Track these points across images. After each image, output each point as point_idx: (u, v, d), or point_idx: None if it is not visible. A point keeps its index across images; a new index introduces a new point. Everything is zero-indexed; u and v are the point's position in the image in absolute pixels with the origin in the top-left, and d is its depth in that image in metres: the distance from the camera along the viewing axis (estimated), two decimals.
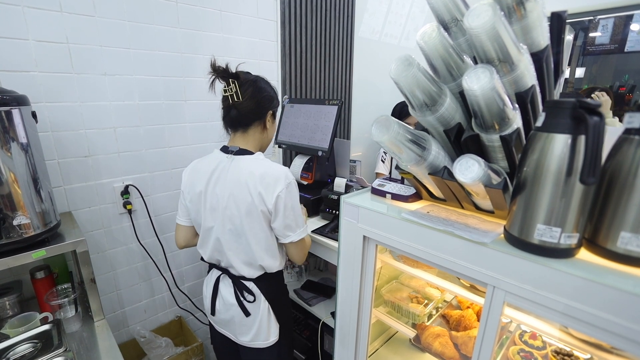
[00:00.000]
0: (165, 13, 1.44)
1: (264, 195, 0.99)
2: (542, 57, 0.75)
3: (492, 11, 0.62)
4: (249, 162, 1.03)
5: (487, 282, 0.73)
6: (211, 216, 1.07)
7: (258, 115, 1.08)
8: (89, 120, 1.33)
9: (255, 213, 1.01)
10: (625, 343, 0.56)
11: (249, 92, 1.04)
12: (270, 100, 1.10)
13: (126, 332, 1.63)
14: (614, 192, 0.61)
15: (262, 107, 1.07)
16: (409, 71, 0.72)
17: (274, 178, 0.99)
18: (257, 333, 1.12)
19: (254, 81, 1.07)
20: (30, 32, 1.16)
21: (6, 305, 1.18)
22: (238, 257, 1.08)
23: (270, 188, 0.99)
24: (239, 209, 1.01)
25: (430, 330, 1.10)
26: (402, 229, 0.86)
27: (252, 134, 1.09)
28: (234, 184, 1.01)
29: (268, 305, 1.11)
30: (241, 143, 1.09)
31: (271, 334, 1.13)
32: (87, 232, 1.41)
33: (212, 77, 1.02)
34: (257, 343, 1.13)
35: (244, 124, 1.08)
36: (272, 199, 0.99)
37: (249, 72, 1.10)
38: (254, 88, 1.05)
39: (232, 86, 1.02)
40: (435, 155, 0.79)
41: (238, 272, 1.09)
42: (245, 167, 1.02)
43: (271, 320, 1.12)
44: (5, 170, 0.94)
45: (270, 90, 1.11)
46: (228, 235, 1.06)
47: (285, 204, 1.01)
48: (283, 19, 1.83)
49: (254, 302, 1.10)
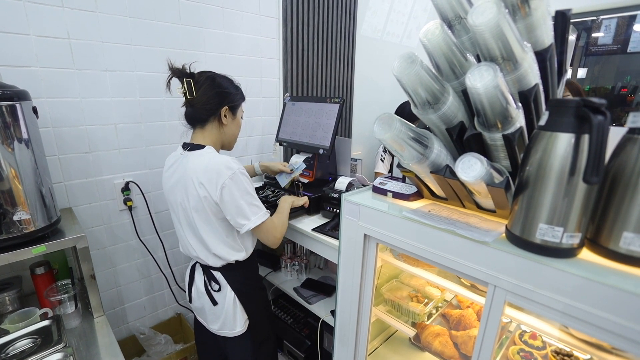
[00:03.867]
0: (167, 9, 1.43)
1: (208, 189, 1.02)
2: (546, 56, 0.74)
3: (497, 9, 0.61)
4: (196, 157, 1.06)
5: (488, 282, 0.72)
6: (173, 208, 1.15)
7: (212, 110, 1.10)
8: (89, 116, 1.33)
9: (203, 206, 1.04)
10: (626, 343, 0.56)
11: (202, 89, 1.07)
12: (226, 95, 1.11)
13: (126, 328, 1.64)
14: (616, 192, 0.61)
15: (215, 102, 1.09)
16: (412, 69, 0.72)
17: (216, 171, 1.01)
18: (224, 322, 1.16)
19: (209, 77, 1.09)
20: (31, 27, 1.15)
21: (6, 301, 1.18)
22: (198, 247, 1.12)
23: (212, 181, 1.01)
24: (190, 203, 1.06)
25: (430, 329, 1.10)
26: (403, 227, 0.86)
27: (209, 130, 1.12)
28: (184, 179, 1.06)
29: (234, 295, 1.14)
30: (199, 139, 1.12)
31: (237, 324, 1.16)
32: (88, 228, 1.41)
33: (169, 76, 1.06)
34: (224, 332, 1.17)
35: (199, 120, 1.11)
36: (216, 191, 1.01)
37: (211, 71, 1.12)
38: (208, 84, 1.08)
39: (185, 85, 1.05)
40: (437, 153, 0.79)
41: (204, 261, 1.14)
42: (192, 162, 1.05)
43: (237, 311, 1.15)
44: (6, 165, 0.94)
45: (229, 85, 1.13)
46: (186, 227, 1.12)
47: (231, 195, 1.02)
48: (285, 17, 1.83)
49: (219, 291, 1.14)
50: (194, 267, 1.21)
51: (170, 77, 1.07)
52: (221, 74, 1.14)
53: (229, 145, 1.21)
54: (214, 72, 1.12)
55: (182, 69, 1.06)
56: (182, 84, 1.06)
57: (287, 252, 1.74)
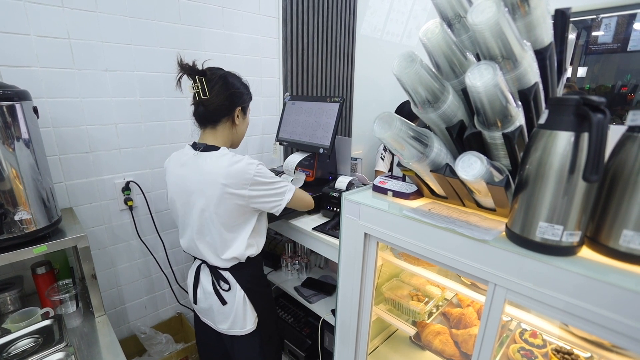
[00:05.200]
0: (166, 9, 1.43)
1: (235, 190, 1.02)
2: (545, 55, 0.74)
3: (496, 7, 0.61)
4: (214, 159, 1.05)
5: (488, 280, 0.73)
6: (183, 209, 1.12)
7: (225, 111, 1.09)
8: (90, 116, 1.33)
9: (224, 207, 1.04)
10: (627, 341, 0.56)
11: (216, 88, 1.05)
12: (239, 96, 1.10)
13: (127, 328, 1.64)
14: (616, 190, 0.61)
15: (229, 103, 1.08)
16: (412, 68, 0.72)
17: (241, 171, 1.02)
18: (234, 321, 1.15)
19: (222, 77, 1.07)
20: (31, 27, 1.15)
21: (7, 301, 1.18)
22: (208, 249, 1.12)
23: (240, 181, 1.01)
24: (208, 204, 1.04)
25: (431, 328, 1.10)
26: (404, 226, 0.86)
27: (220, 130, 1.11)
28: (199, 180, 1.05)
29: (244, 294, 1.14)
30: (210, 139, 1.11)
31: (247, 322, 1.16)
32: (88, 228, 1.41)
33: (179, 74, 1.04)
34: (234, 331, 1.17)
35: (212, 120, 1.10)
36: (246, 189, 1.02)
37: (220, 68, 1.10)
38: (222, 84, 1.06)
39: (197, 83, 1.03)
40: (437, 152, 0.79)
41: (212, 262, 1.13)
42: (210, 163, 1.04)
43: (247, 309, 1.15)
44: (7, 165, 0.94)
45: (240, 86, 1.12)
46: (198, 229, 1.10)
47: (261, 187, 1.05)
48: (285, 16, 1.83)
49: (229, 290, 1.14)
50: (199, 268, 1.19)
51: (180, 74, 1.04)
52: (231, 72, 1.12)
53: (237, 143, 1.20)
54: (224, 71, 1.10)
55: (192, 66, 1.03)
56: (194, 82, 1.04)
57: (288, 251, 1.74)
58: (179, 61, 1.02)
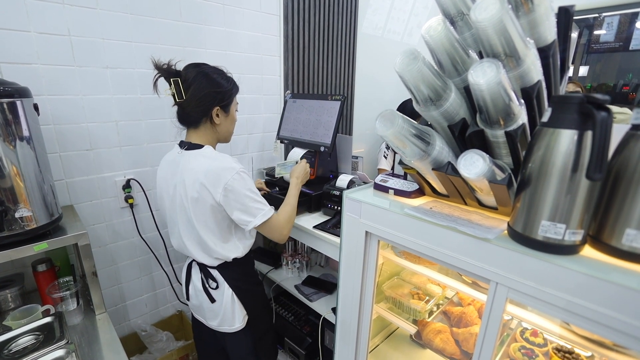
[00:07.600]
0: (167, 6, 1.43)
1: (210, 190, 1.01)
2: (549, 53, 0.74)
3: (500, 4, 0.61)
4: (196, 157, 1.05)
5: (489, 279, 0.72)
6: (170, 207, 1.13)
7: (202, 113, 1.07)
8: (90, 114, 1.33)
9: (203, 206, 1.04)
10: (628, 340, 0.56)
11: (191, 89, 1.02)
12: (215, 95, 1.05)
13: (127, 325, 1.64)
14: (619, 188, 0.60)
15: (205, 103, 1.05)
16: (414, 65, 0.71)
17: (218, 172, 1.01)
18: (223, 319, 1.16)
19: (196, 77, 1.03)
20: (32, 24, 1.15)
21: (8, 298, 1.18)
22: (195, 247, 1.12)
23: (215, 182, 1.00)
24: (188, 202, 1.05)
25: (432, 327, 1.10)
26: (405, 224, 0.86)
27: (202, 130, 1.10)
28: (183, 178, 1.05)
29: (232, 292, 1.14)
30: (194, 138, 1.10)
31: (236, 320, 1.16)
32: (89, 225, 1.41)
33: (156, 76, 1.02)
34: (224, 327, 1.18)
35: (191, 121, 1.09)
36: (219, 192, 1.01)
37: (197, 65, 1.06)
38: (197, 85, 1.02)
39: (173, 85, 1.01)
40: (439, 150, 0.79)
41: (200, 260, 1.14)
42: (192, 162, 1.04)
43: (235, 308, 1.15)
44: (8, 162, 0.94)
45: (220, 82, 1.06)
46: (183, 226, 1.11)
47: (235, 195, 1.02)
48: (286, 14, 1.82)
49: (217, 289, 1.14)
50: (191, 265, 1.21)
51: (157, 76, 1.02)
52: (211, 66, 1.08)
53: (225, 139, 1.18)
54: (202, 67, 1.06)
55: (167, 68, 1.01)
56: (169, 85, 1.01)
57: (288, 249, 1.74)
58: (154, 63, 0.99)
